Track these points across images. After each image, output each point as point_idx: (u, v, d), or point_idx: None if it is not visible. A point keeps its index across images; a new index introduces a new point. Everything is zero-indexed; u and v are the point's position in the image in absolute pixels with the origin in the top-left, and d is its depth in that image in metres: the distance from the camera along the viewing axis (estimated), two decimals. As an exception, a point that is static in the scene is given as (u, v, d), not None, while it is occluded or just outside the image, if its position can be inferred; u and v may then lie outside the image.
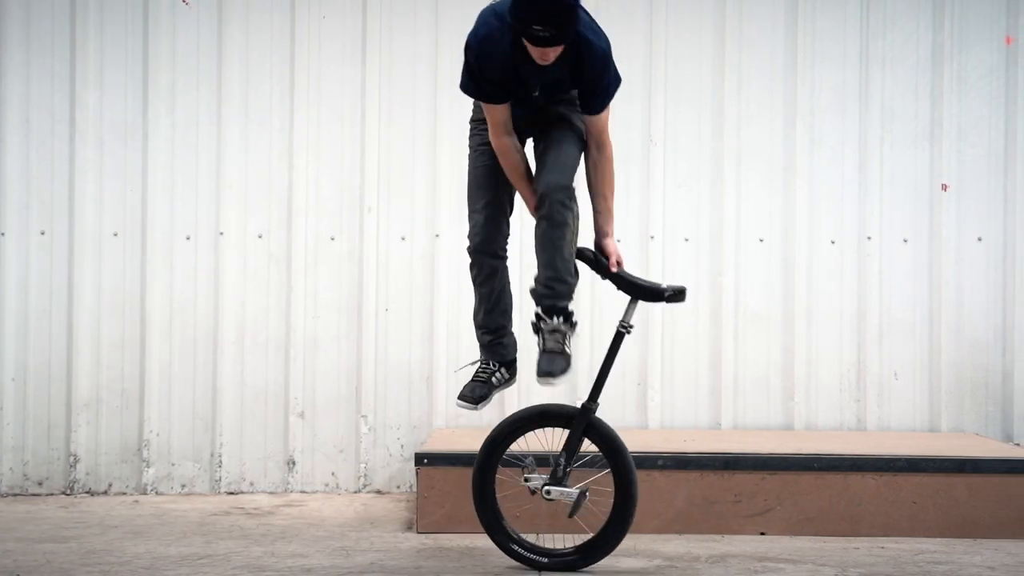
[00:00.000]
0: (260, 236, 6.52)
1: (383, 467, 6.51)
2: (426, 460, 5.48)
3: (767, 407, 6.57)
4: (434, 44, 6.54)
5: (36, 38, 6.47)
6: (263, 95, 6.52)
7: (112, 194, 6.48)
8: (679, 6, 6.59)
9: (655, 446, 5.69)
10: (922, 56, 6.61)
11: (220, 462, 6.47)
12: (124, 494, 6.46)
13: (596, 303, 6.42)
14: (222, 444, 6.47)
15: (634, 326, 4.81)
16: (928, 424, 6.58)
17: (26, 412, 6.46)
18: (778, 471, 5.48)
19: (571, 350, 4.58)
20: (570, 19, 4.29)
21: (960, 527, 5.45)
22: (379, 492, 6.49)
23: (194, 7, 6.51)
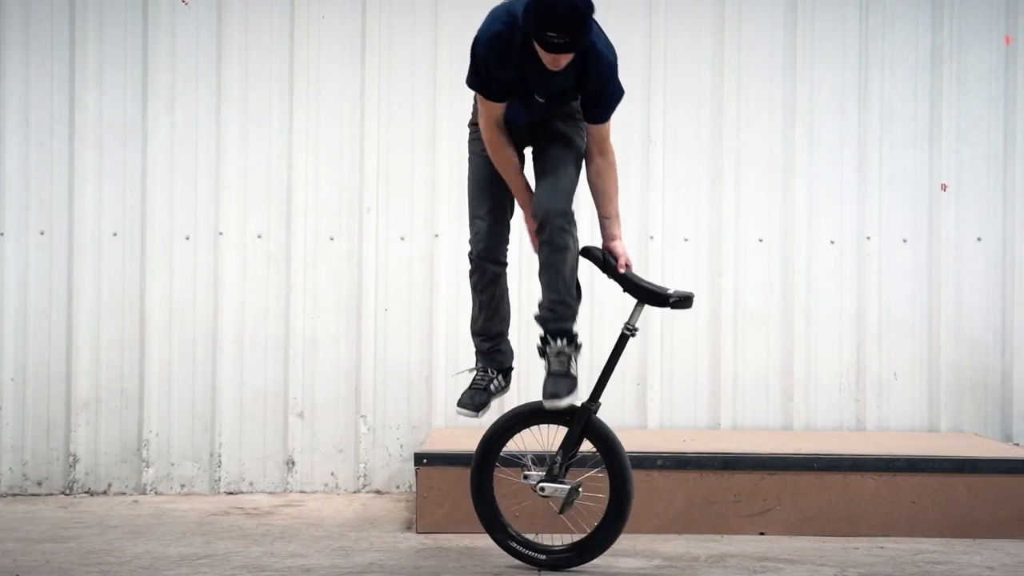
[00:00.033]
0: (259, 236, 6.52)
1: (382, 467, 6.51)
2: (425, 460, 5.48)
3: (766, 407, 6.57)
4: (433, 44, 6.54)
5: (35, 38, 6.47)
6: (262, 95, 6.53)
7: (111, 194, 6.48)
8: (678, 7, 6.59)
9: (654, 446, 5.69)
10: (921, 57, 6.62)
11: (219, 462, 6.47)
12: (123, 494, 6.45)
13: (596, 304, 6.42)
14: (221, 444, 6.47)
15: (639, 328, 4.82)
16: (927, 424, 6.58)
17: (25, 412, 6.46)
18: (777, 471, 5.48)
19: (576, 371, 4.61)
20: (585, 27, 4.29)
21: (959, 527, 5.45)
22: (378, 492, 6.49)
23: (193, 7, 6.51)
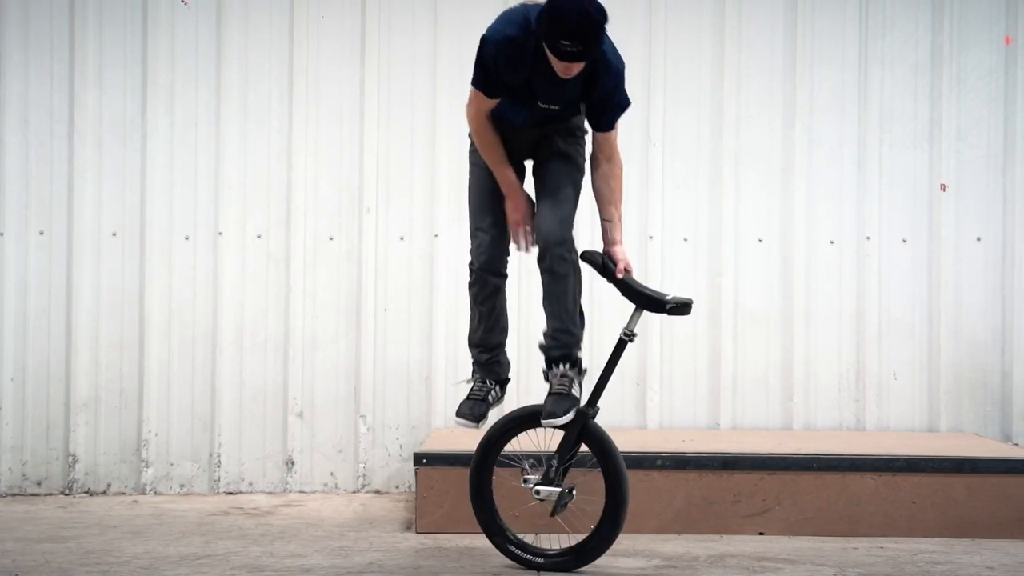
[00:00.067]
0: (259, 236, 6.52)
1: (382, 467, 6.51)
2: (425, 460, 5.47)
3: (766, 407, 6.57)
4: (432, 44, 6.54)
5: (35, 38, 6.47)
6: (262, 95, 6.52)
7: (111, 194, 6.48)
8: (678, 7, 6.59)
9: (654, 446, 5.69)
10: (921, 57, 6.61)
11: (219, 462, 6.47)
12: (123, 494, 6.45)
13: (596, 304, 6.41)
14: (221, 444, 6.47)
15: (637, 334, 4.83)
16: (927, 424, 6.58)
17: (25, 412, 6.46)
18: (777, 471, 5.47)
19: (579, 393, 4.63)
20: (598, 37, 4.30)
21: (959, 527, 5.44)
22: (378, 492, 6.49)
23: (193, 7, 6.51)
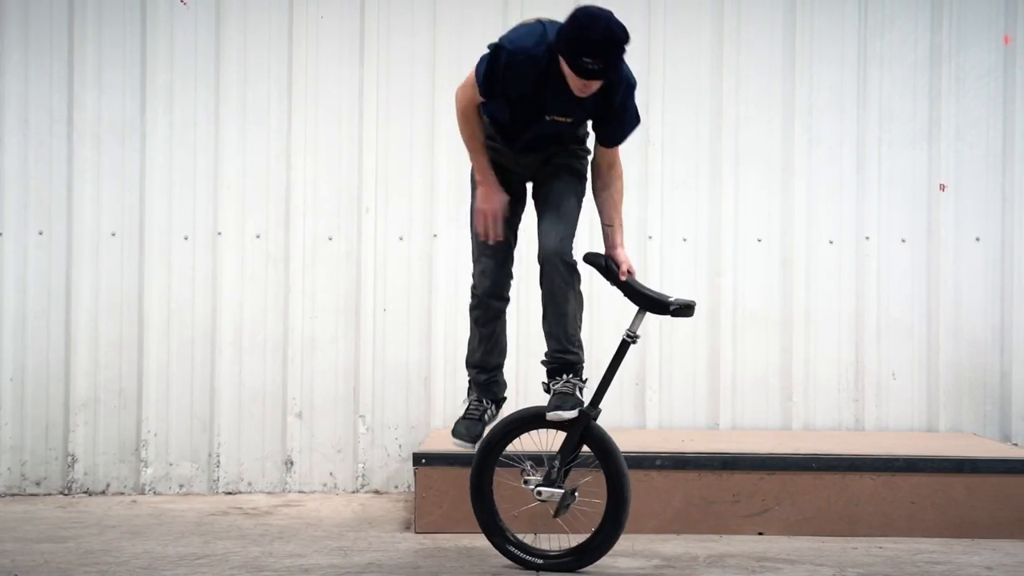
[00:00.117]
0: (258, 236, 6.52)
1: (381, 467, 6.51)
2: (424, 460, 5.47)
3: (765, 407, 6.57)
4: (432, 44, 6.54)
5: (34, 38, 6.47)
6: (261, 95, 6.52)
7: (110, 194, 6.48)
8: (677, 7, 6.59)
9: (653, 446, 5.68)
10: (920, 56, 6.61)
11: (218, 462, 6.47)
12: (122, 494, 6.45)
13: (596, 305, 6.41)
14: (220, 444, 6.47)
15: (640, 336, 4.83)
16: (926, 424, 6.58)
17: (24, 412, 6.45)
18: (776, 471, 5.47)
19: (581, 396, 4.64)
20: (619, 56, 4.32)
21: (958, 527, 5.44)
22: (377, 492, 6.49)
23: (192, 7, 6.50)
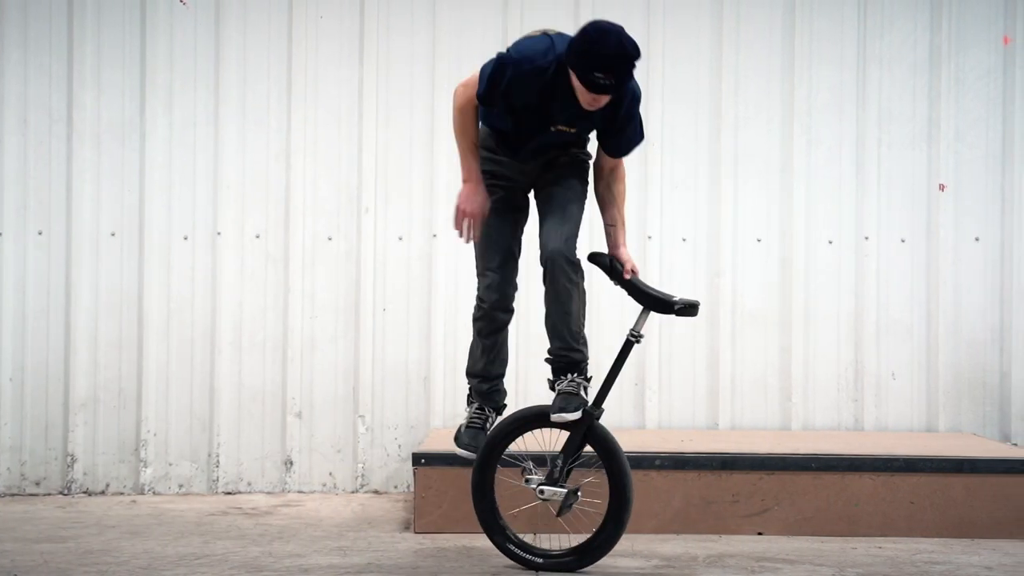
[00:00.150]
0: (257, 236, 6.52)
1: (380, 467, 6.51)
2: (423, 460, 5.47)
3: (764, 407, 6.57)
4: (431, 44, 6.54)
5: (34, 38, 6.47)
6: (260, 95, 6.52)
7: (109, 194, 6.48)
8: (677, 8, 6.59)
9: (652, 446, 5.69)
10: (919, 57, 6.62)
11: (217, 462, 6.47)
12: (121, 494, 6.45)
13: (596, 304, 6.39)
14: (219, 444, 6.47)
15: (644, 335, 4.83)
16: (925, 424, 6.58)
17: (24, 412, 6.45)
18: (776, 471, 5.47)
19: (586, 395, 4.65)
20: (631, 72, 4.34)
21: (957, 527, 5.44)
22: (376, 492, 6.49)
23: (191, 7, 6.50)
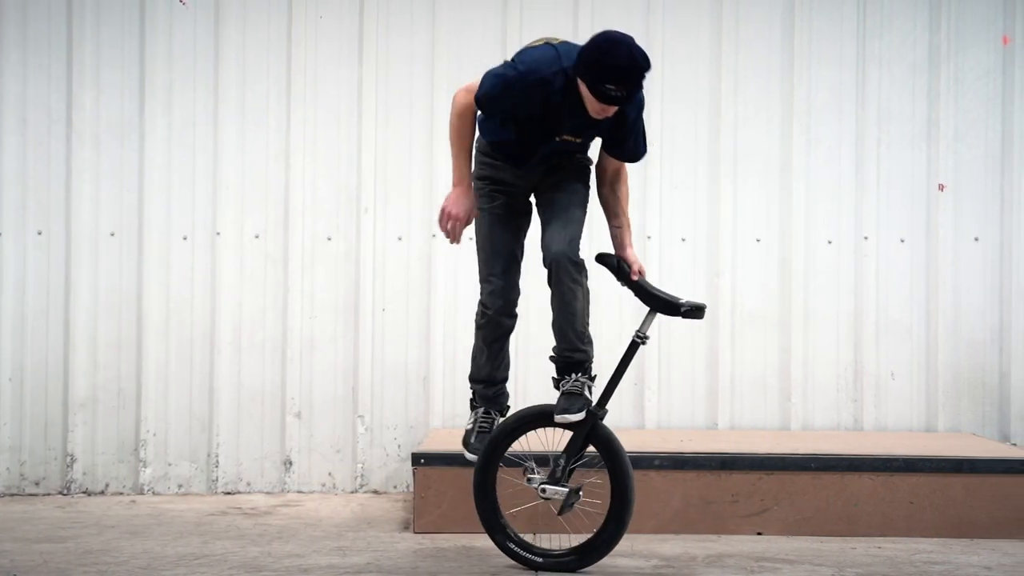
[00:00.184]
0: (257, 236, 6.52)
1: (380, 467, 6.51)
2: (423, 460, 5.47)
3: (764, 407, 6.57)
4: (431, 44, 6.54)
5: (33, 38, 6.47)
6: (260, 95, 6.52)
7: (109, 194, 6.48)
8: (676, 7, 6.59)
9: (652, 446, 5.69)
10: (919, 57, 6.62)
11: (217, 462, 6.47)
12: (121, 494, 6.45)
13: (596, 304, 6.39)
14: (219, 444, 6.47)
15: (650, 337, 4.83)
16: (925, 424, 6.58)
17: (23, 412, 6.45)
18: (775, 471, 5.47)
19: (590, 395, 4.64)
20: (641, 83, 4.33)
21: (957, 527, 5.45)
22: (376, 492, 6.49)
23: (191, 7, 6.50)
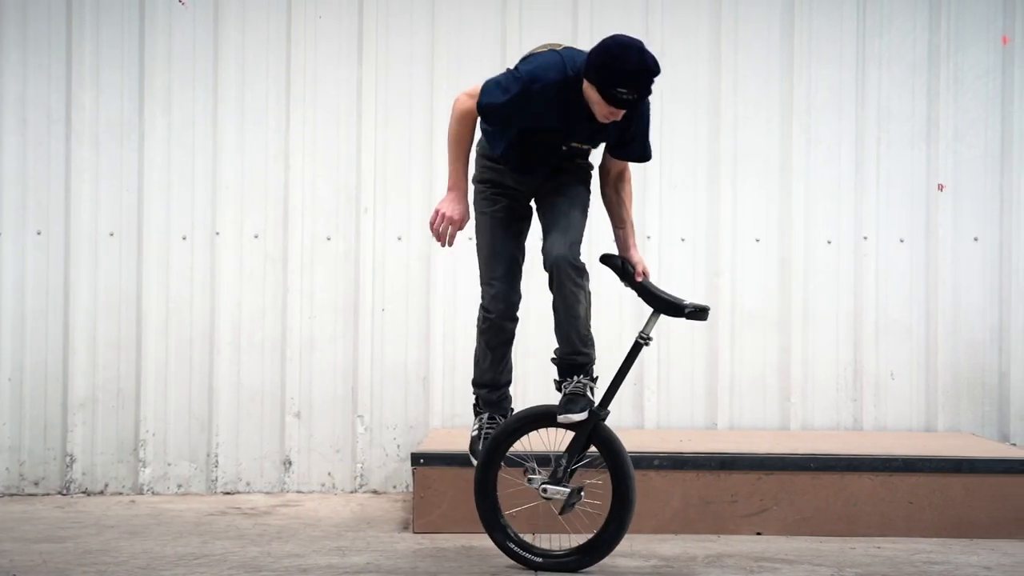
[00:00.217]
0: (256, 236, 6.52)
1: (379, 467, 6.51)
2: (422, 460, 5.47)
3: (763, 407, 6.57)
4: (430, 44, 6.54)
5: (32, 38, 6.46)
6: (259, 95, 6.52)
7: (108, 194, 6.48)
8: (675, 7, 6.59)
9: (651, 446, 5.69)
10: (918, 56, 6.62)
11: (216, 462, 6.47)
12: (120, 494, 6.45)
13: (596, 303, 6.38)
14: (218, 444, 6.47)
15: (653, 338, 4.83)
16: (924, 424, 6.58)
17: (22, 412, 6.45)
18: (774, 471, 5.47)
19: (592, 397, 4.64)
20: (650, 87, 4.34)
21: (956, 527, 5.45)
22: (375, 492, 6.49)
23: (190, 7, 6.50)
